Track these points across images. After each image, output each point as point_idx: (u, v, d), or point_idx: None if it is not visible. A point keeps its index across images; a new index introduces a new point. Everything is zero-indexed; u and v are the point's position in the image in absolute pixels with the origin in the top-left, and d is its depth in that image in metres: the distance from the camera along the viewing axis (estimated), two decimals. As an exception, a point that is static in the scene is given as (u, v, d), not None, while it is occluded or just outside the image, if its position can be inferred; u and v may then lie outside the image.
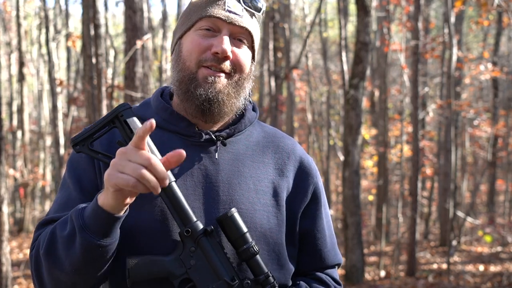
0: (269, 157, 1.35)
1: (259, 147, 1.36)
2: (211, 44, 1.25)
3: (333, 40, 18.57)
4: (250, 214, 1.25)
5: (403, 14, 10.56)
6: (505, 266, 9.37)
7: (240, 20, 1.27)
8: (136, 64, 5.59)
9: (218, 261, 1.16)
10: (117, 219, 1.09)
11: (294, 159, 1.37)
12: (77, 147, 1.16)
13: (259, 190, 1.29)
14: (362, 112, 7.22)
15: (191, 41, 1.27)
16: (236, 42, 1.28)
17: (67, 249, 1.10)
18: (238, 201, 1.26)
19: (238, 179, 1.28)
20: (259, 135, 1.38)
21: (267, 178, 1.32)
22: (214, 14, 1.25)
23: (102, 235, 1.09)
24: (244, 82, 1.31)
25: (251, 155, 1.33)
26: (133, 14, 5.59)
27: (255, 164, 1.32)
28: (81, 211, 1.11)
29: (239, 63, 1.27)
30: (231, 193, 1.26)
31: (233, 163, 1.30)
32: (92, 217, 1.08)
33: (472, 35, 17.06)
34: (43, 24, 13.99)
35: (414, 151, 8.66)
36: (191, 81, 1.25)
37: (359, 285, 7.53)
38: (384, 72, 11.56)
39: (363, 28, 7.19)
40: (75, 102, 11.33)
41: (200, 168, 1.26)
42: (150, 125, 1.02)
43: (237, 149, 1.32)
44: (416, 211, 8.45)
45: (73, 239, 1.10)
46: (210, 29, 1.26)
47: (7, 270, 5.22)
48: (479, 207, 16.58)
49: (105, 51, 8.46)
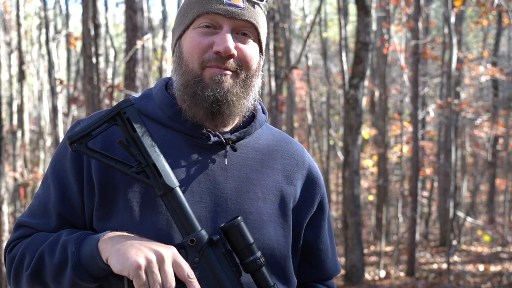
0: (278, 163, 1.27)
1: (268, 151, 1.27)
2: (213, 42, 1.15)
3: (333, 40, 18.58)
4: (258, 225, 1.18)
5: (403, 14, 10.56)
6: (505, 266, 9.37)
7: (241, 13, 1.16)
8: (136, 64, 5.58)
9: (223, 272, 1.09)
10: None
11: (302, 167, 1.30)
12: (74, 145, 1.08)
13: (267, 199, 1.22)
14: (362, 112, 7.22)
15: (191, 41, 1.18)
16: (240, 37, 1.18)
17: (55, 278, 1.10)
18: (246, 210, 1.18)
19: (247, 187, 1.20)
20: (268, 138, 1.30)
21: (275, 186, 1.24)
22: (213, 9, 1.16)
23: (95, 278, 1.08)
24: (252, 80, 1.21)
25: (260, 160, 1.25)
26: (133, 14, 5.59)
27: (264, 170, 1.24)
28: (78, 245, 1.08)
29: (245, 59, 1.17)
30: (239, 201, 1.18)
31: (242, 168, 1.22)
32: (90, 261, 1.06)
33: (472, 35, 17.07)
34: (43, 24, 14.00)
35: (414, 151, 8.66)
36: (197, 83, 1.15)
37: (359, 285, 7.53)
38: (384, 72, 11.56)
39: (363, 28, 7.19)
40: (75, 102, 11.33)
41: (208, 174, 1.18)
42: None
43: (246, 154, 1.24)
44: (416, 211, 8.45)
45: (63, 271, 1.09)
46: (210, 26, 1.17)
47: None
48: (479, 207, 16.57)
49: (105, 51, 8.47)
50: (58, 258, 1.09)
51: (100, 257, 1.04)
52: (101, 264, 1.04)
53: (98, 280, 1.09)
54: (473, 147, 14.52)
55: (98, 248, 1.05)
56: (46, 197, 1.20)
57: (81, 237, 1.10)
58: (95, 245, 1.05)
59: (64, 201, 1.17)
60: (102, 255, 1.04)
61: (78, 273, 1.06)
